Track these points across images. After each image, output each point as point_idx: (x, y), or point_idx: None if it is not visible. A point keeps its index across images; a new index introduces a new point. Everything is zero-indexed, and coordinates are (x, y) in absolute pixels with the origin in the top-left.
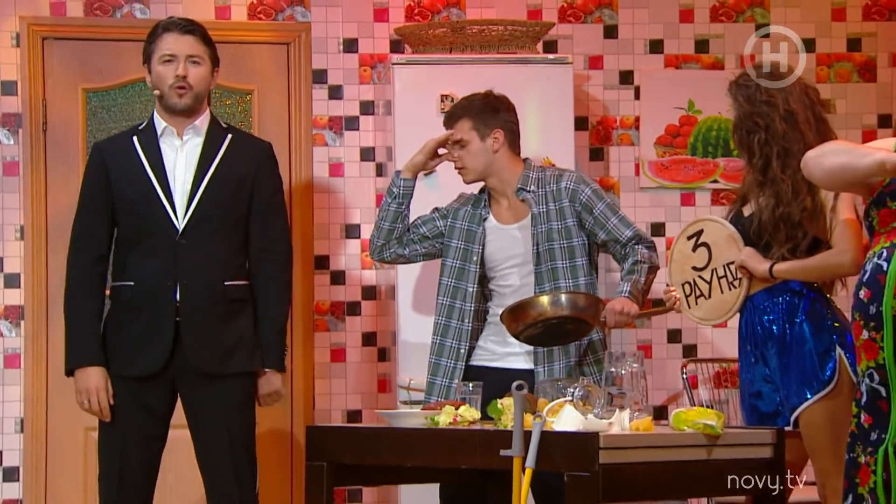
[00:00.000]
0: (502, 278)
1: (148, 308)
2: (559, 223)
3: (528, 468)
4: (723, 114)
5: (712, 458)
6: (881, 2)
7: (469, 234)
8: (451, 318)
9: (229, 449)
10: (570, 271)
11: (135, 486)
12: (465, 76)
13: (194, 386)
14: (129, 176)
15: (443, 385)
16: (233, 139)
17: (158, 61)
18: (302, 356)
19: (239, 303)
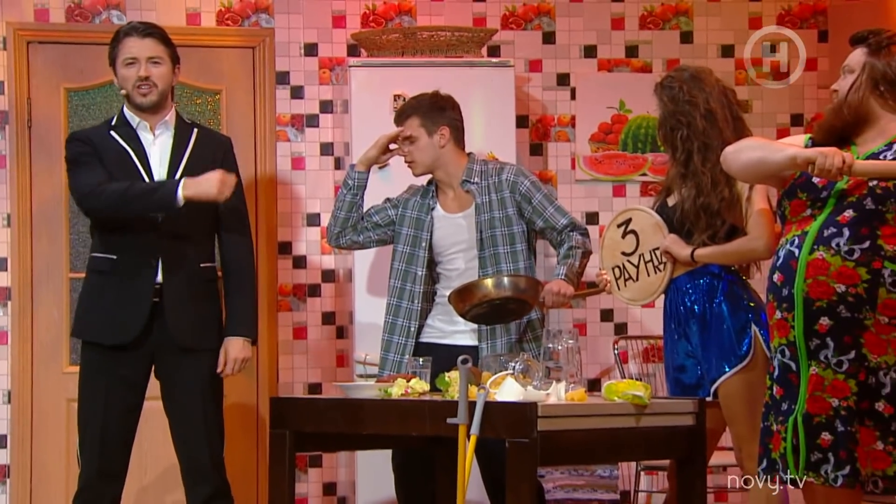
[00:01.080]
0: (449, 263)
1: (129, 281)
2: (501, 212)
3: (472, 435)
4: (651, 113)
5: (640, 425)
6: (794, 11)
7: (418, 222)
8: (403, 299)
9: (200, 418)
10: (510, 256)
11: (113, 452)
12: (416, 78)
13: (170, 359)
14: (114, 160)
15: (395, 360)
16: (199, 133)
17: (122, 64)
18: (266, 334)
19: (211, 283)
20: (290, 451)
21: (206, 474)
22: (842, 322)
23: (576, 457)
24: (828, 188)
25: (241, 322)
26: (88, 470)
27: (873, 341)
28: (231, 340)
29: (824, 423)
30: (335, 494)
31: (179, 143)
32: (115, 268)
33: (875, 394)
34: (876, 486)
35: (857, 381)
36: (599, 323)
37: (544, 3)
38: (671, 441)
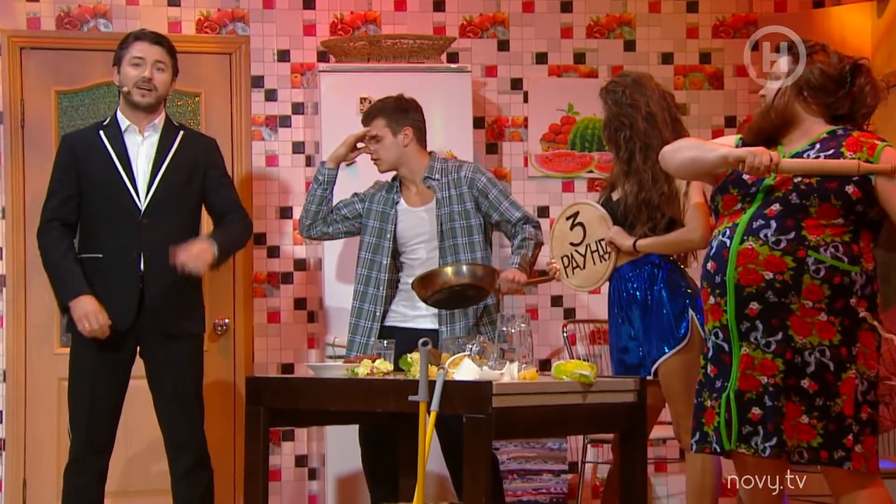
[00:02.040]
0: (412, 252)
1: (115, 277)
2: (459, 206)
3: (432, 411)
4: (597, 115)
5: (587, 402)
6: (727, 22)
7: (383, 215)
8: (369, 286)
9: (182, 396)
10: (468, 246)
11: (101, 426)
12: (381, 82)
13: (154, 344)
14: (96, 162)
15: (361, 342)
16: (184, 135)
17: (128, 63)
18: (243, 318)
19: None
20: (265, 425)
21: (187, 446)
22: (770, 306)
23: (528, 431)
24: (756, 184)
25: (216, 237)
26: (78, 443)
27: (798, 324)
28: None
29: (754, 398)
30: (306, 466)
31: (165, 144)
32: (102, 266)
33: (800, 372)
34: (801, 456)
35: (783, 361)
36: (550, 308)
37: (499, 13)
38: (615, 416)
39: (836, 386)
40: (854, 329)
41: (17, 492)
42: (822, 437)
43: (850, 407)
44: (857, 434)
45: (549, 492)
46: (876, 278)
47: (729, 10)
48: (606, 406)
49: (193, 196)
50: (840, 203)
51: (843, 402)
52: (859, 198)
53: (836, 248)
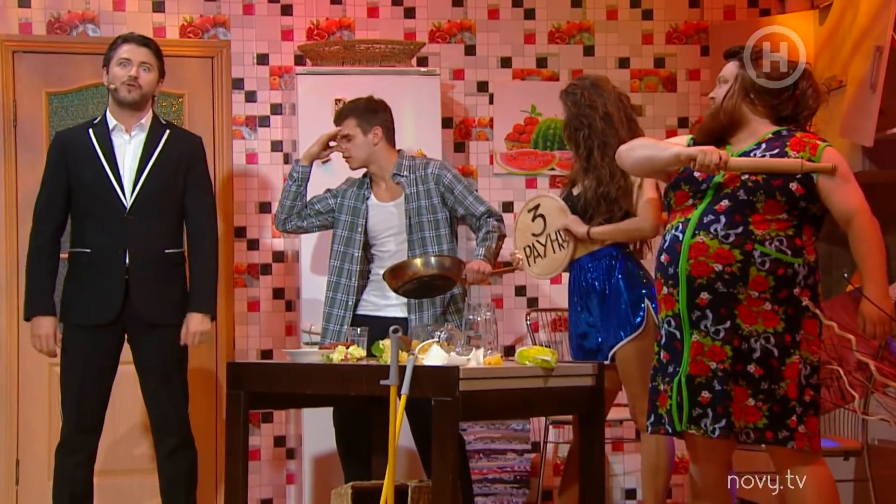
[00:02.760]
0: (382, 245)
1: (102, 270)
2: (427, 201)
3: (403, 395)
4: (558, 116)
5: (548, 385)
6: (680, 29)
7: (355, 209)
8: (341, 277)
9: (167, 382)
10: (435, 239)
11: (90, 410)
12: (355, 84)
13: (140, 332)
14: (84, 161)
15: (334, 330)
16: (171, 134)
17: (116, 63)
18: (224, 307)
19: (177, 266)
20: (245, 408)
21: (172, 428)
22: (719, 296)
23: (493, 413)
24: (707, 181)
25: (202, 299)
26: (68, 425)
27: (745, 313)
28: (192, 316)
29: (704, 383)
30: (284, 446)
31: (152, 142)
32: (90, 260)
33: (747, 358)
34: (748, 436)
35: (731, 347)
36: (514, 297)
37: (466, 19)
38: (574, 399)
39: (780, 370)
40: (797, 317)
41: (11, 471)
42: (768, 419)
43: (794, 390)
44: (800, 415)
45: (512, 470)
46: (818, 269)
47: (681, 17)
48: (566, 389)
49: (178, 193)
50: (784, 199)
51: (786, 385)
52: (802, 194)
53: (780, 241)
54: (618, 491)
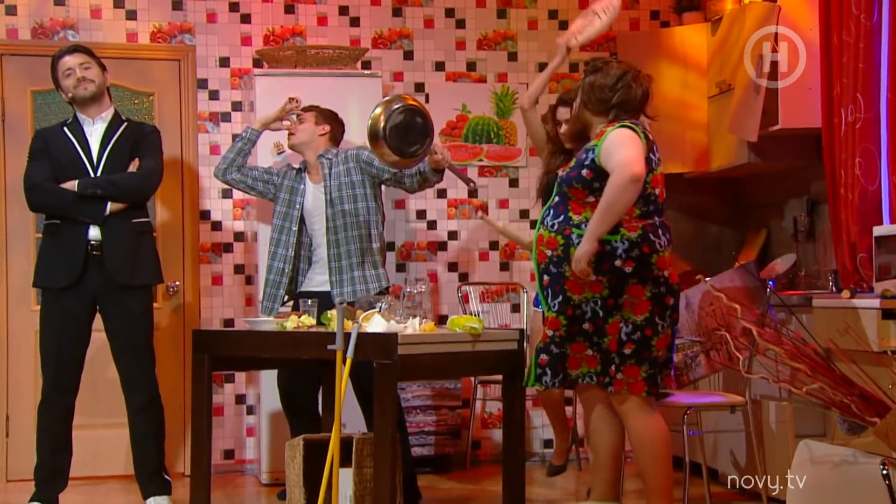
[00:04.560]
0: (313, 225)
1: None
2: (346, 178)
3: (348, 358)
4: (486, 114)
5: (476, 349)
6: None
7: (293, 189)
8: (278, 247)
9: (135, 343)
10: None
11: (66, 370)
12: (306, 85)
13: (110, 297)
14: (60, 148)
15: (271, 293)
16: (127, 126)
17: (63, 76)
18: (191, 281)
19: (143, 234)
20: (208, 370)
21: (141, 386)
22: (553, 277)
23: (427, 374)
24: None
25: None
26: (47, 385)
27: (572, 286)
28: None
29: (542, 347)
30: (245, 404)
31: (111, 131)
32: (60, 230)
33: (581, 319)
34: (591, 379)
35: (565, 317)
36: (447, 273)
37: (405, 28)
38: (499, 361)
39: (604, 328)
40: (621, 284)
41: (1, 425)
42: (600, 366)
43: (615, 344)
44: (618, 365)
45: (446, 423)
46: (642, 242)
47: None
48: (492, 353)
49: None
50: (581, 185)
51: (608, 340)
52: (592, 177)
53: None
54: (537, 441)
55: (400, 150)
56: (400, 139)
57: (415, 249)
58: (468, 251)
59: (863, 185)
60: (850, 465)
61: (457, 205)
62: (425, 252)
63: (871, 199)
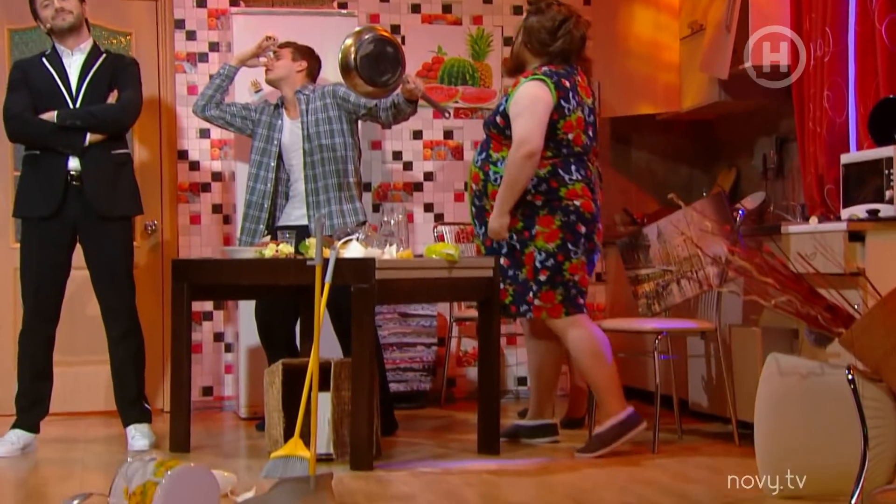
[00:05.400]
0: (291, 160)
1: (48, 169)
2: (323, 114)
3: (326, 283)
4: (461, 56)
5: (452, 276)
6: None
7: (271, 125)
8: (257, 182)
9: (114, 272)
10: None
11: (46, 299)
12: (283, 24)
13: (90, 227)
14: (40, 79)
15: (250, 228)
16: (106, 57)
17: (41, 7)
18: (169, 220)
19: (124, 165)
20: (188, 299)
21: (120, 315)
22: (478, 209)
23: (404, 298)
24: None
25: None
26: (28, 313)
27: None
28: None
29: None
30: (223, 341)
31: (90, 61)
32: (39, 160)
33: (497, 253)
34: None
35: (486, 247)
36: (423, 213)
37: None
38: (474, 288)
39: (521, 260)
40: (532, 216)
41: None
42: (512, 297)
43: (531, 273)
44: (535, 291)
45: (421, 360)
46: (551, 178)
47: None
48: (468, 280)
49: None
50: (496, 130)
51: (526, 270)
52: (505, 125)
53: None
54: (511, 379)
55: (372, 79)
56: (371, 69)
57: (391, 190)
58: (443, 192)
59: (830, 117)
60: (817, 377)
61: (433, 146)
62: (401, 193)
63: (838, 130)
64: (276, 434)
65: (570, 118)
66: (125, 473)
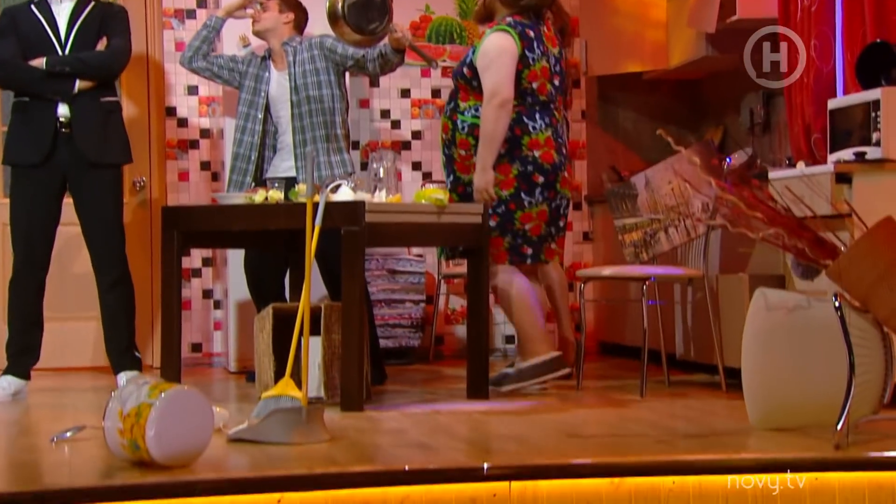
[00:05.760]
0: (278, 112)
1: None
2: (310, 65)
3: (316, 226)
4: (449, 15)
5: (441, 221)
6: None
7: (258, 77)
8: (244, 135)
9: (104, 220)
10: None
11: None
12: None
13: (80, 174)
14: (28, 25)
15: (237, 181)
16: (95, 4)
17: None
18: (157, 176)
19: (112, 113)
20: (178, 246)
21: (111, 264)
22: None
23: (393, 241)
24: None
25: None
26: (18, 261)
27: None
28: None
29: None
30: (212, 298)
31: (78, 10)
32: (28, 108)
33: (469, 198)
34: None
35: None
36: (411, 171)
37: None
38: (463, 233)
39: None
40: (495, 164)
41: None
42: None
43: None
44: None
45: (409, 317)
46: (515, 125)
47: None
48: (457, 225)
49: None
50: (464, 81)
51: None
52: (472, 76)
53: (476, 109)
54: (499, 337)
55: (359, 27)
56: (359, 17)
57: (379, 148)
58: (431, 150)
59: (818, 66)
60: (804, 310)
61: (420, 104)
62: (389, 151)
63: (825, 79)
64: (266, 378)
65: (535, 67)
66: (119, 396)
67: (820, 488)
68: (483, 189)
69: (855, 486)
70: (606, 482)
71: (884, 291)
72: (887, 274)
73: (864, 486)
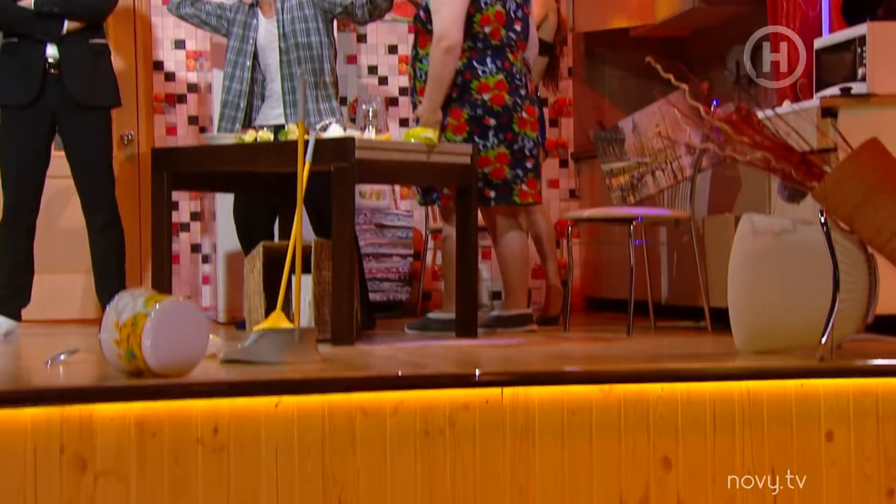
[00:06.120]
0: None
1: (27, 56)
2: (299, 12)
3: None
4: None
5: (430, 160)
6: None
7: (246, 24)
8: (233, 82)
9: (93, 162)
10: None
11: (27, 188)
12: None
13: (69, 116)
14: None
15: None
16: None
17: None
18: (145, 131)
19: (101, 55)
20: (168, 188)
21: (100, 206)
22: (414, 106)
23: (382, 178)
24: None
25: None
26: (8, 202)
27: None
28: None
29: None
30: (200, 252)
31: None
32: (17, 48)
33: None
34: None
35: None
36: (398, 127)
37: None
38: (452, 173)
39: None
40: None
41: None
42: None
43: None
44: None
45: (397, 271)
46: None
47: None
48: (446, 165)
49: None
50: (420, 24)
51: None
52: (427, 19)
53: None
54: (486, 293)
55: None
56: None
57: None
58: None
59: (804, 11)
60: (790, 234)
61: (408, 61)
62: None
63: (811, 24)
64: (257, 316)
65: (488, 12)
66: (115, 307)
67: (805, 395)
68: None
69: (840, 392)
70: (596, 389)
71: (869, 211)
72: (872, 194)
73: (848, 392)
